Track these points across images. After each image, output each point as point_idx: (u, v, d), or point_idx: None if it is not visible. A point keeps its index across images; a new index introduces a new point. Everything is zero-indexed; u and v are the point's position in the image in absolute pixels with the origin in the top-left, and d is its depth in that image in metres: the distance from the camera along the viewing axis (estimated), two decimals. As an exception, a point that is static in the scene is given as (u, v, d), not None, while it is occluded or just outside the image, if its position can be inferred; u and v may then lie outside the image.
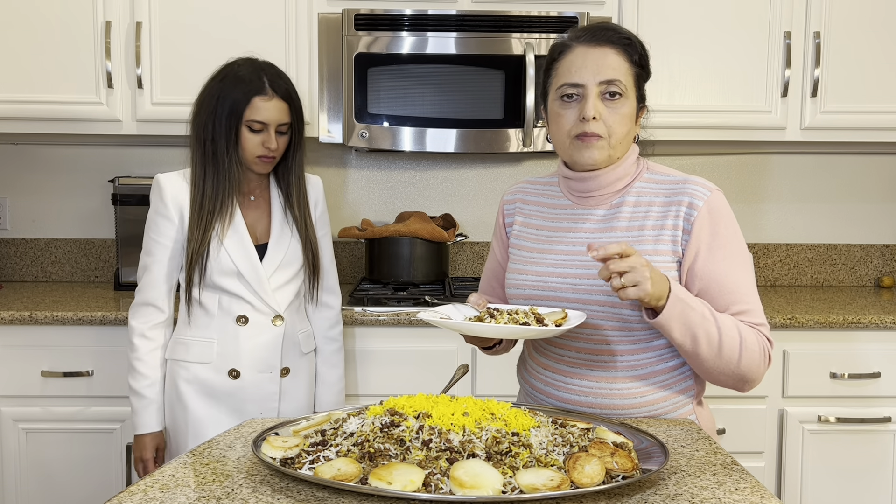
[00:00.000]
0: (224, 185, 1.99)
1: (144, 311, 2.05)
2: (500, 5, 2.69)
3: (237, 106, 1.96)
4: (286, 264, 2.07)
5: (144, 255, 2.05)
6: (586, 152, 1.51)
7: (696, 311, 1.42)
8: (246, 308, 2.03)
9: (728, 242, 1.50)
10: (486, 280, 1.78)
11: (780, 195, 3.18)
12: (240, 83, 1.98)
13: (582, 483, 1.08)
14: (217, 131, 1.98)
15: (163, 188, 2.04)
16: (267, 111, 1.97)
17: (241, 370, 2.03)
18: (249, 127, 1.97)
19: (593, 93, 1.49)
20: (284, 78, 2.03)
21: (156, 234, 2.03)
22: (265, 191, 2.11)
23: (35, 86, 2.67)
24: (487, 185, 3.13)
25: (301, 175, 2.11)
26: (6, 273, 3.10)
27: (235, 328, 2.03)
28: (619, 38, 1.51)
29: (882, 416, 2.52)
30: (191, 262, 1.99)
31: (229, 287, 2.01)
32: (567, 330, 1.39)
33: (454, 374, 1.65)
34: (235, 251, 2.01)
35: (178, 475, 1.20)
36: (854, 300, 2.83)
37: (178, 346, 2.06)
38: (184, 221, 2.02)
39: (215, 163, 1.99)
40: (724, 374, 1.48)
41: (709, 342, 1.43)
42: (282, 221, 2.09)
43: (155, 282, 2.03)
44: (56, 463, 2.49)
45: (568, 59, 1.52)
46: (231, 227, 2.02)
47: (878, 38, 2.75)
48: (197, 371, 2.03)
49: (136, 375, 2.04)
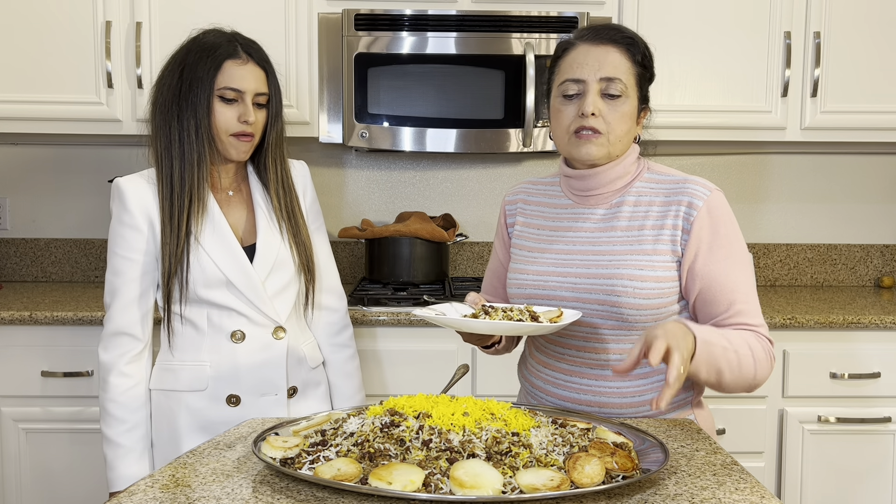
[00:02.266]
0: (194, 174, 1.70)
1: (117, 341, 1.74)
2: (500, 5, 2.68)
3: (206, 74, 1.68)
4: (280, 266, 1.79)
5: (111, 275, 1.75)
6: (584, 147, 1.52)
7: (717, 345, 1.41)
8: (241, 322, 1.75)
9: (728, 242, 1.50)
10: (489, 280, 1.79)
11: (780, 195, 3.18)
12: (207, 49, 1.70)
13: (582, 483, 1.08)
14: (183, 108, 1.69)
15: (124, 193, 1.73)
16: (241, 78, 1.70)
17: (240, 395, 1.76)
18: (222, 97, 1.70)
19: (593, 89, 1.49)
20: (258, 46, 1.77)
21: (123, 249, 1.73)
22: (243, 183, 1.83)
23: (35, 86, 2.67)
24: (487, 185, 3.13)
25: (283, 159, 1.82)
26: (6, 273, 3.10)
27: (231, 346, 1.75)
28: (623, 38, 1.52)
29: (882, 416, 2.52)
30: (168, 273, 1.70)
31: (218, 299, 1.73)
32: (561, 327, 1.39)
33: (454, 374, 1.65)
34: (220, 255, 1.72)
35: (178, 475, 1.20)
36: (854, 300, 2.83)
37: (164, 374, 1.77)
38: (154, 229, 1.72)
39: (182, 149, 1.70)
40: (740, 389, 1.48)
41: (730, 370, 1.43)
42: (268, 217, 1.80)
43: (127, 305, 1.73)
44: (56, 463, 2.49)
45: (570, 56, 1.53)
46: (210, 225, 1.73)
47: (878, 38, 2.75)
48: (189, 401, 1.75)
49: (109, 420, 1.73)
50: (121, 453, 1.74)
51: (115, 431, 1.74)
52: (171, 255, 1.70)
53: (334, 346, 1.96)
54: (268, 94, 1.75)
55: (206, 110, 1.69)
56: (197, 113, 1.69)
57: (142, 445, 1.76)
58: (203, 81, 1.68)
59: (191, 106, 1.69)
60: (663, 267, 1.50)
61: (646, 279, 1.49)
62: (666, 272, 1.50)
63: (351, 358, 1.98)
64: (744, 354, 1.45)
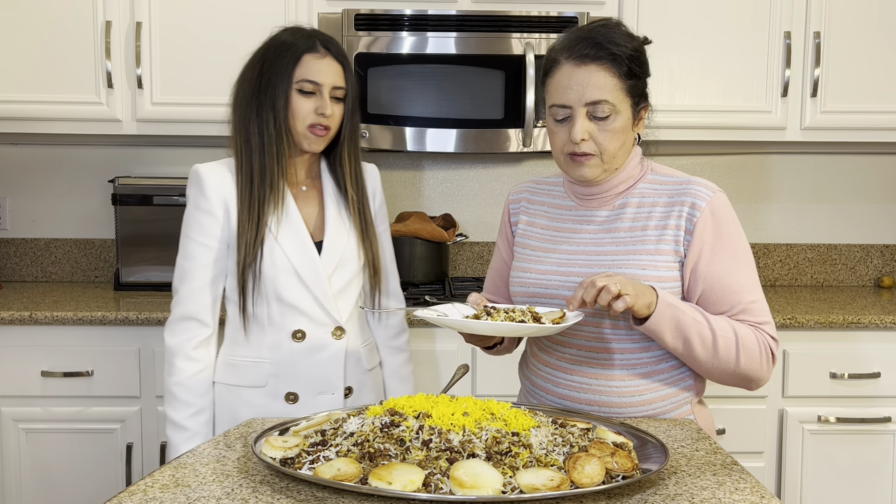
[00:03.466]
0: (273, 167, 1.72)
1: (186, 326, 1.74)
2: (500, 5, 2.68)
3: (285, 67, 1.70)
4: (344, 263, 1.79)
5: (182, 259, 1.76)
6: (578, 170, 1.53)
7: (687, 314, 1.43)
8: (302, 321, 1.76)
9: (731, 243, 1.51)
10: (492, 279, 1.79)
11: (781, 195, 3.18)
12: (287, 44, 1.73)
13: (582, 483, 1.08)
14: (262, 101, 1.72)
15: (203, 179, 1.74)
16: (319, 71, 1.71)
17: (298, 393, 1.77)
18: (300, 89, 1.71)
19: (580, 114, 1.48)
20: (337, 42, 1.79)
21: (197, 234, 1.74)
22: (317, 180, 1.84)
23: (35, 86, 2.67)
24: (487, 185, 3.13)
25: (357, 155, 1.83)
26: (6, 273, 3.10)
27: (291, 345, 1.76)
28: (605, 53, 1.47)
29: (882, 416, 2.52)
30: (244, 263, 1.71)
31: (285, 293, 1.74)
32: (563, 328, 1.39)
33: (454, 374, 1.65)
34: (292, 247, 1.74)
35: (178, 475, 1.20)
36: (854, 300, 2.83)
37: (227, 369, 1.79)
38: (230, 218, 1.74)
39: (262, 142, 1.72)
40: (725, 375, 1.49)
41: (703, 344, 1.44)
42: (336, 213, 1.81)
43: (196, 290, 1.74)
44: (56, 463, 2.49)
45: (556, 79, 1.51)
46: (285, 218, 1.75)
47: (877, 38, 2.74)
48: (249, 397, 1.76)
49: (175, 404, 1.74)
50: (185, 436, 1.74)
51: (181, 415, 1.74)
52: (246, 245, 1.71)
53: (392, 348, 1.96)
54: (345, 89, 1.77)
55: (285, 103, 1.71)
56: (275, 105, 1.71)
57: (206, 430, 1.76)
58: (282, 74, 1.71)
59: (269, 99, 1.72)
60: (666, 267, 1.50)
61: (648, 279, 1.49)
62: (668, 272, 1.50)
63: (407, 362, 1.99)
64: (724, 336, 1.45)
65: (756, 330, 1.49)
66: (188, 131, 2.71)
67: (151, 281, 2.82)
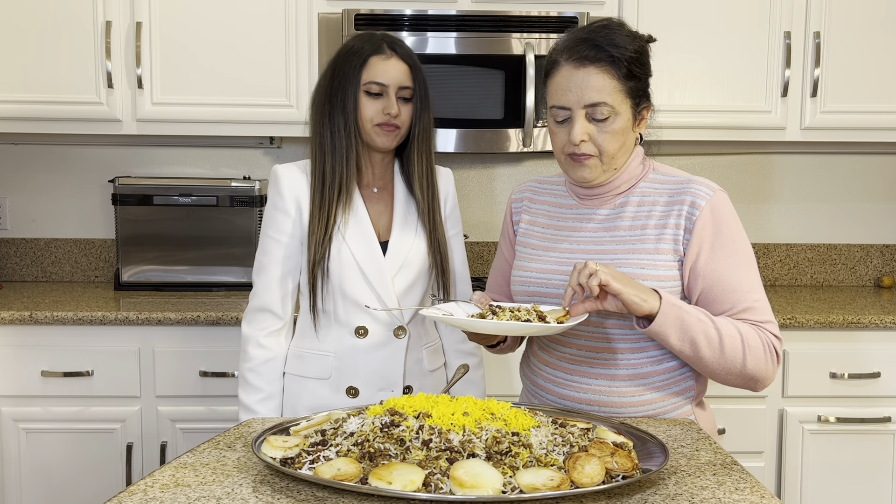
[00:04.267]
0: (343, 168, 1.78)
1: (259, 317, 1.84)
2: (500, 5, 2.69)
3: (353, 71, 1.76)
4: (409, 264, 1.83)
5: (260, 254, 1.86)
6: (578, 171, 1.53)
7: (692, 314, 1.43)
8: (365, 318, 1.82)
9: (731, 241, 1.51)
10: (494, 278, 1.80)
11: (781, 195, 3.18)
12: (356, 49, 1.78)
13: (582, 483, 1.08)
14: (334, 105, 1.77)
15: (280, 180, 1.83)
16: (384, 72, 1.75)
17: (359, 388, 1.83)
18: (367, 91, 1.76)
19: (580, 115, 1.48)
20: (403, 43, 1.82)
21: (273, 231, 1.83)
22: (389, 183, 1.89)
23: (35, 86, 2.67)
24: (487, 185, 3.13)
25: (429, 154, 1.85)
26: (6, 273, 3.10)
27: (353, 341, 1.82)
28: (604, 55, 1.47)
29: (882, 416, 2.52)
30: (314, 261, 1.79)
31: (350, 291, 1.80)
32: (568, 327, 1.39)
33: (454, 374, 1.66)
34: (358, 246, 1.80)
35: (178, 475, 1.20)
36: (854, 300, 2.83)
37: (295, 360, 1.86)
38: (302, 216, 1.82)
39: (333, 145, 1.78)
40: (731, 375, 1.48)
41: (709, 344, 1.43)
42: (404, 213, 1.86)
43: (270, 284, 1.83)
44: (56, 463, 2.49)
45: (555, 80, 1.52)
46: (354, 218, 1.81)
47: (878, 37, 2.75)
48: (314, 388, 1.84)
49: (247, 388, 1.83)
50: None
51: (251, 399, 1.83)
52: (316, 243, 1.78)
53: (461, 352, 1.97)
54: (412, 88, 1.79)
55: (354, 105, 1.77)
56: (345, 108, 1.77)
57: (275, 416, 1.83)
58: (350, 78, 1.76)
59: (340, 102, 1.77)
60: (665, 266, 1.50)
61: (647, 278, 1.49)
62: (668, 271, 1.50)
63: (477, 366, 1.99)
64: (729, 336, 1.44)
65: (759, 329, 1.48)
66: (188, 131, 2.71)
67: (151, 281, 2.82)
